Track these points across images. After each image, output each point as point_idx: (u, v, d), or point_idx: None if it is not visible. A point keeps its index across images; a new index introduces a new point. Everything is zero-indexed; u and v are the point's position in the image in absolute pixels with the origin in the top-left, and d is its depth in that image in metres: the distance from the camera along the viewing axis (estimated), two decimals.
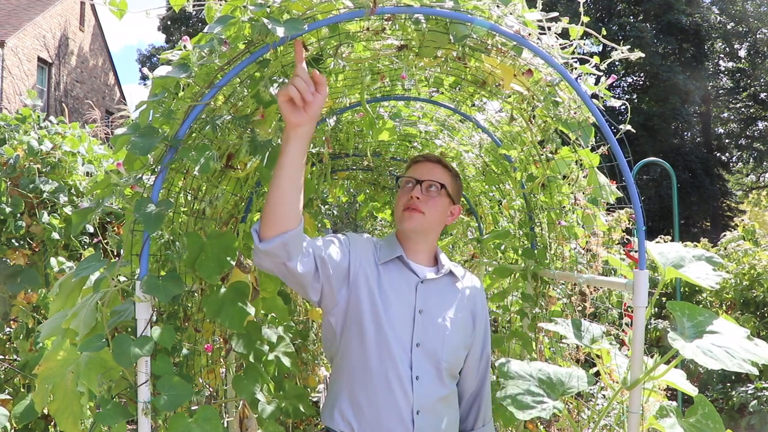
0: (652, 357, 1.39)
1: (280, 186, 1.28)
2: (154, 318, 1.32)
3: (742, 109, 25.76)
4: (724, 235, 6.18)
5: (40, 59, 16.85)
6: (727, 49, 25.48)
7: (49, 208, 2.68)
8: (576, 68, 1.46)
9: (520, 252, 2.41)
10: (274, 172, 1.30)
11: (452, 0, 1.31)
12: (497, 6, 1.34)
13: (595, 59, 1.49)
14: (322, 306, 1.50)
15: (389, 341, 1.45)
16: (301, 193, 1.32)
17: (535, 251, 2.24)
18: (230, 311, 1.48)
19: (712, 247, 6.80)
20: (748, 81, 24.63)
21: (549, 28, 1.43)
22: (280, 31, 1.17)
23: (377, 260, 1.53)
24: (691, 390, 1.45)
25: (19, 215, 2.58)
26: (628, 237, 3.86)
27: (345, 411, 1.46)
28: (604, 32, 1.50)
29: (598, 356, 1.54)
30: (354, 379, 1.47)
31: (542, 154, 1.89)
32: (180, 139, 1.29)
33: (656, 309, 6.22)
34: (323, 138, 2.24)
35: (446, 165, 1.66)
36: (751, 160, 26.80)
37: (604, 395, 2.33)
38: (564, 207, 2.05)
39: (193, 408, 1.52)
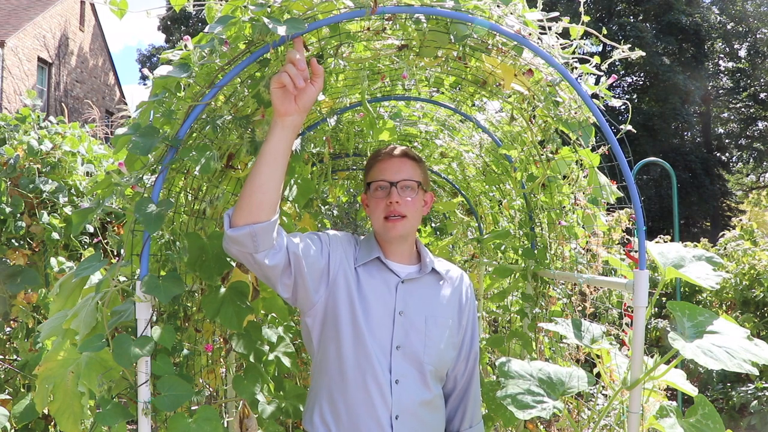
0: (652, 357, 1.39)
1: (259, 174, 1.25)
2: (155, 318, 1.32)
3: (742, 109, 25.78)
4: (722, 235, 6.19)
5: (40, 59, 16.85)
6: (727, 49, 25.49)
7: (49, 208, 2.68)
8: (576, 68, 1.46)
9: (520, 252, 2.41)
10: (256, 160, 1.27)
11: (453, 0, 1.31)
12: (498, 6, 1.34)
13: (596, 59, 1.49)
14: (298, 305, 1.46)
15: (366, 344, 1.41)
16: (280, 186, 1.29)
17: (535, 251, 2.24)
18: (229, 311, 1.48)
19: (712, 247, 6.80)
20: (748, 81, 24.65)
21: (549, 28, 1.43)
22: (281, 30, 1.17)
23: (356, 262, 1.49)
24: (691, 390, 1.45)
25: (19, 215, 2.58)
26: (628, 237, 3.87)
27: (325, 415, 1.43)
28: (604, 32, 1.50)
29: (598, 356, 1.54)
30: (332, 383, 1.43)
31: (542, 154, 1.89)
32: (180, 139, 1.29)
33: (656, 309, 6.22)
34: (323, 138, 2.24)
35: (411, 154, 1.56)
36: (751, 160, 26.82)
37: (604, 395, 2.33)
38: (564, 207, 2.05)
39: (193, 408, 1.52)
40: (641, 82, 23.90)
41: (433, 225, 4.14)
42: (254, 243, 1.27)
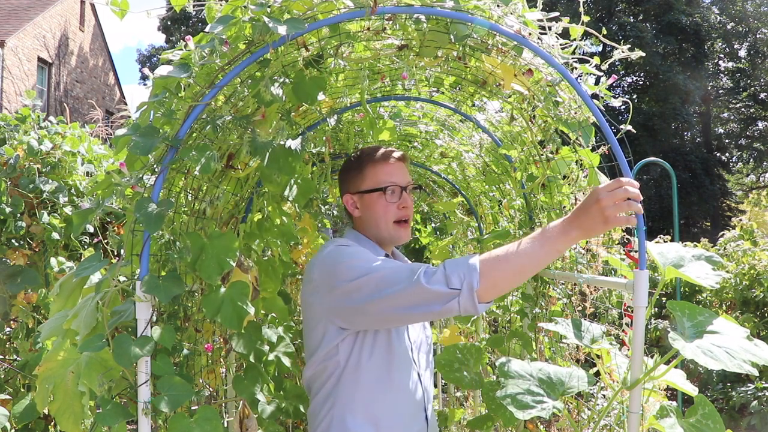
0: (652, 357, 1.39)
1: (533, 271, 1.28)
2: (155, 318, 1.32)
3: (742, 109, 25.78)
4: (722, 235, 6.19)
5: (40, 59, 16.85)
6: (727, 49, 25.49)
7: (49, 208, 2.68)
8: (576, 68, 1.46)
9: None
10: (535, 255, 1.24)
11: (453, 0, 1.31)
12: (498, 6, 1.34)
13: (596, 59, 1.49)
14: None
15: (403, 342, 1.46)
16: None
17: None
18: (229, 311, 1.48)
19: (712, 247, 6.80)
20: (748, 81, 24.64)
21: (549, 28, 1.43)
22: (281, 30, 1.17)
23: None
24: (691, 390, 1.45)
25: (19, 215, 2.58)
26: (628, 237, 3.86)
27: (365, 427, 1.40)
28: (604, 32, 1.50)
29: (598, 356, 1.54)
30: (368, 392, 1.41)
31: (542, 154, 1.89)
32: (181, 139, 1.29)
33: (656, 309, 6.22)
34: (323, 138, 2.24)
35: (407, 157, 1.60)
36: (751, 160, 26.82)
37: (604, 395, 2.33)
38: (564, 207, 2.05)
39: (193, 408, 1.52)
40: (641, 82, 23.90)
41: (433, 225, 4.14)
42: None
